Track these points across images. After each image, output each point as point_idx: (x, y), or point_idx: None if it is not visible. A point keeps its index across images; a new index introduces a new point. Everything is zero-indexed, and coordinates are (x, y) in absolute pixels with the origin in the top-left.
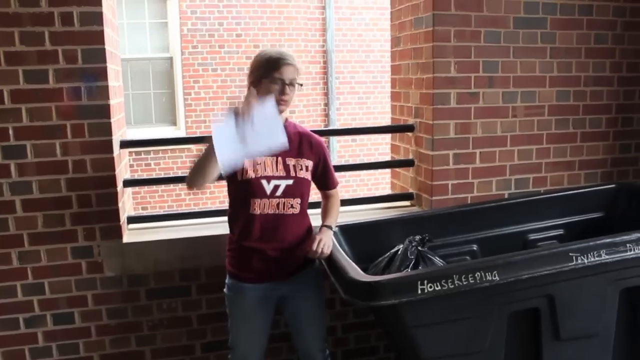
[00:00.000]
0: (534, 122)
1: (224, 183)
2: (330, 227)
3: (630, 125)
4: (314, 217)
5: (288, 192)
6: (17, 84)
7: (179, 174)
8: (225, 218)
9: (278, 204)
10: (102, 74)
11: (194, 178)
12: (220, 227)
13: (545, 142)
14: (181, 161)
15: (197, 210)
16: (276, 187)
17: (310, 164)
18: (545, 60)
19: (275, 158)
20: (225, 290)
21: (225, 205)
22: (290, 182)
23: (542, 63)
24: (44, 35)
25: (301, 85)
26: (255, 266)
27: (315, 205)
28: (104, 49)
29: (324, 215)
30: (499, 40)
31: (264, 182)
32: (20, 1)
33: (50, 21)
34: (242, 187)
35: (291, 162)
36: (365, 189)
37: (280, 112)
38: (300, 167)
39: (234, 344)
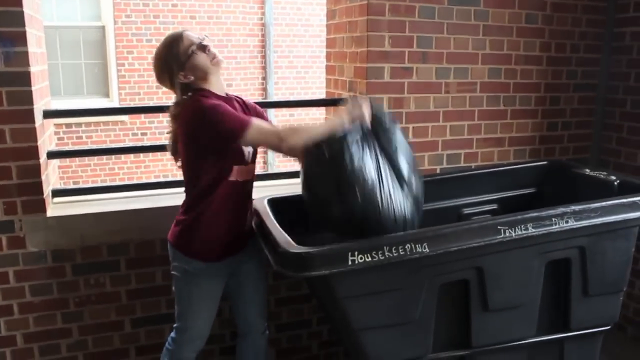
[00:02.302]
0: (466, 98)
1: (161, 157)
2: None
3: (558, 104)
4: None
5: (254, 157)
6: None
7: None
8: (157, 191)
9: (249, 171)
10: (21, 38)
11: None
12: (151, 200)
13: (477, 119)
14: (114, 134)
15: (126, 183)
16: (249, 153)
17: None
18: (478, 38)
19: None
20: (176, 272)
21: (160, 179)
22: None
23: (474, 40)
24: None
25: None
26: (225, 240)
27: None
28: (22, 12)
29: None
30: (434, 16)
31: (244, 148)
32: None
33: None
34: (229, 154)
35: None
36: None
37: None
38: None
39: (189, 326)
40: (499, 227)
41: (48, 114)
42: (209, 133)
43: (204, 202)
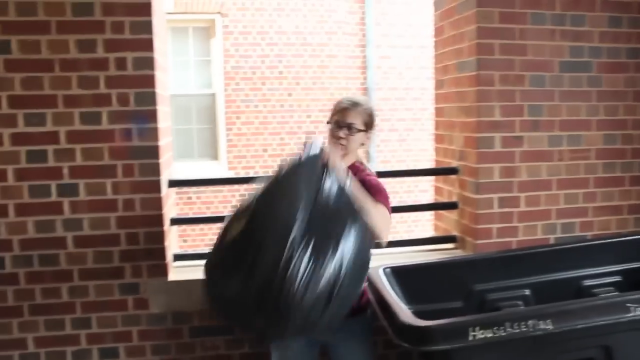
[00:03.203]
0: (579, 165)
1: None
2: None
3: None
4: None
5: None
6: (73, 125)
7: (220, 208)
8: None
9: None
10: (153, 116)
11: None
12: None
13: (592, 186)
14: (222, 195)
15: None
16: None
17: None
18: (591, 104)
19: None
20: None
21: None
22: None
23: (588, 106)
24: (99, 79)
25: (364, 131)
26: None
27: None
28: (154, 92)
29: None
30: (544, 84)
31: None
32: (79, 47)
33: (106, 66)
34: None
35: None
36: (405, 226)
37: (343, 153)
38: None
39: None
40: (627, 304)
41: (172, 184)
42: None
43: None
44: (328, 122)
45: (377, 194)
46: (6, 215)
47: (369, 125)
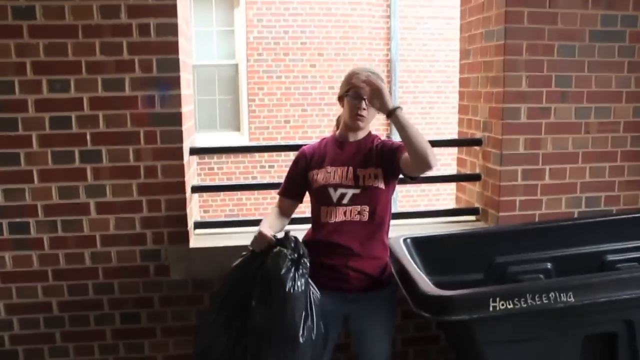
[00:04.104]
0: (608, 138)
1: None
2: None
3: None
4: None
5: (355, 200)
6: (96, 91)
7: (241, 179)
8: (287, 226)
9: (345, 212)
10: (175, 82)
11: None
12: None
13: (620, 160)
14: (243, 166)
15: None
16: (342, 195)
17: (379, 171)
18: (622, 75)
19: (346, 168)
20: None
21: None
22: (357, 190)
23: (618, 78)
24: (122, 45)
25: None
26: (322, 271)
27: None
28: (177, 59)
29: None
30: (574, 54)
31: (330, 189)
32: (102, 13)
33: (129, 32)
34: (314, 195)
35: (361, 172)
36: (426, 199)
37: (357, 127)
38: (369, 176)
39: None
40: None
41: (194, 151)
42: None
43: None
44: (345, 95)
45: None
46: (31, 181)
47: None
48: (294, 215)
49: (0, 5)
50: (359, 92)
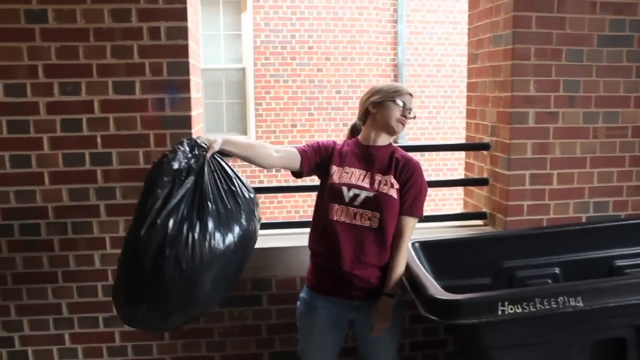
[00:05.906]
0: (615, 143)
1: (292, 194)
2: (391, 296)
3: None
4: None
5: (367, 204)
6: (107, 94)
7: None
8: (295, 230)
9: (356, 214)
10: (185, 86)
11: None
12: (291, 239)
13: (628, 165)
14: (250, 170)
15: (268, 222)
16: (355, 196)
17: (395, 182)
18: (630, 80)
19: (364, 171)
20: (298, 303)
21: (293, 217)
22: (370, 194)
23: (626, 83)
24: (132, 48)
25: (414, 117)
26: (327, 277)
27: None
28: (187, 62)
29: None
30: (582, 59)
31: (344, 188)
32: (113, 17)
33: (139, 35)
34: (327, 190)
35: (378, 177)
36: (432, 204)
37: (395, 132)
38: (384, 183)
39: (302, 358)
40: None
41: None
42: None
43: (312, 234)
44: (389, 100)
45: (416, 202)
46: (42, 182)
47: None
48: (297, 219)
49: (14, 8)
50: (407, 105)
